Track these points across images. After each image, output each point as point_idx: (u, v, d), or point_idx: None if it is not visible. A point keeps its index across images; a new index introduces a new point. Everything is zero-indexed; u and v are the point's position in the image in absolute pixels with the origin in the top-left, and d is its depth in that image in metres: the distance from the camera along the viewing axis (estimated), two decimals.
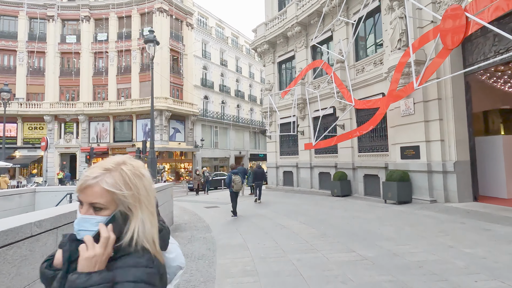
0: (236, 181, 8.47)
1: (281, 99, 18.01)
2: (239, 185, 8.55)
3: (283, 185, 17.62)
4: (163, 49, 26.00)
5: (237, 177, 8.53)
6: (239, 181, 8.52)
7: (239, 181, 8.55)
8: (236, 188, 8.49)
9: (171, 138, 26.59)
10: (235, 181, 8.46)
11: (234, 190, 8.48)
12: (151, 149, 11.65)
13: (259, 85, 39.99)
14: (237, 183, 8.47)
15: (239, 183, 8.51)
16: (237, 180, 8.50)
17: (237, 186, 8.47)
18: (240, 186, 8.63)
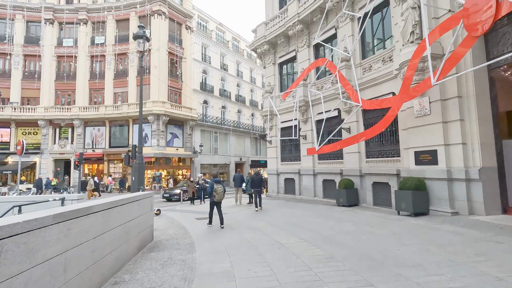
0: (218, 190, 7.92)
1: (282, 101, 17.04)
2: (221, 195, 7.99)
3: (284, 193, 16.50)
4: (161, 52, 25.31)
5: (219, 186, 8.01)
6: (221, 191, 7.98)
7: (221, 191, 8.01)
8: (218, 198, 7.94)
9: (169, 143, 25.65)
10: (217, 191, 7.89)
11: (215, 200, 7.94)
12: (139, 153, 10.66)
13: (260, 90, 39.14)
14: (219, 192, 7.92)
15: (221, 193, 7.96)
16: (219, 190, 7.95)
17: (219, 196, 7.92)
18: (222, 196, 8.04)
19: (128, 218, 4.65)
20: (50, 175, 25.84)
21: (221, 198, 8.01)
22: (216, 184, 8.01)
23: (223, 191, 8.04)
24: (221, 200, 8.05)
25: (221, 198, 8.00)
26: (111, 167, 26.18)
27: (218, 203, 8.09)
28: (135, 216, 5.04)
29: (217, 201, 7.99)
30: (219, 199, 7.97)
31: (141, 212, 5.39)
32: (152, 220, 6.31)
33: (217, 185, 8.01)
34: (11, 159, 25.33)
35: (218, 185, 8.00)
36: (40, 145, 26.00)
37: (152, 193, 6.28)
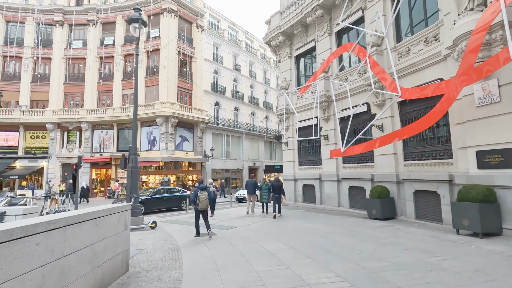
0: (201, 198, 7.30)
1: (299, 98, 15.20)
2: (205, 203, 7.36)
3: (303, 202, 14.54)
4: (171, 51, 24.14)
5: (203, 193, 7.39)
6: (204, 199, 7.35)
7: (205, 199, 7.38)
8: (201, 207, 7.34)
9: (178, 147, 24.27)
10: (200, 199, 7.29)
11: (199, 208, 7.35)
12: (133, 155, 9.10)
13: (275, 92, 37.42)
14: (203, 200, 7.31)
15: (204, 201, 7.34)
16: (202, 197, 7.34)
17: (202, 204, 7.32)
18: (206, 204, 7.42)
19: (69, 248, 2.95)
20: (58, 180, 25.02)
21: (205, 206, 7.40)
22: (200, 191, 7.37)
23: (206, 198, 7.40)
24: (205, 208, 7.43)
25: (204, 207, 7.40)
26: (119, 172, 25.05)
27: (203, 211, 7.49)
28: (88, 244, 3.33)
29: (200, 209, 7.40)
30: (202, 207, 7.36)
31: (102, 236, 3.68)
32: (127, 244, 4.60)
33: (201, 192, 7.38)
34: (19, 164, 24.71)
35: (202, 192, 7.37)
36: (48, 149, 25.29)
37: (122, 207, 4.58)
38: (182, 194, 16.26)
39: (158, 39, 24.63)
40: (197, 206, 7.37)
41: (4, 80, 25.46)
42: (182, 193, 16.41)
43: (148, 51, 25.11)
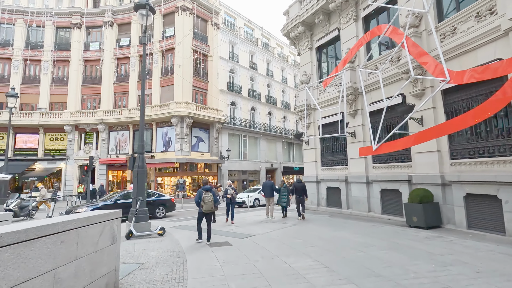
0: (206, 199, 6.84)
1: (322, 92, 13.95)
2: (210, 204, 6.87)
3: (327, 206, 13.22)
4: (185, 50, 23.55)
5: (208, 194, 6.91)
6: (209, 200, 6.87)
7: (210, 200, 6.89)
8: (206, 209, 6.86)
9: (193, 148, 23.57)
10: (205, 200, 6.83)
11: (203, 210, 6.89)
12: (140, 154, 8.25)
13: (293, 91, 36.19)
14: (207, 202, 6.84)
15: (209, 203, 6.86)
16: (207, 199, 6.87)
17: (207, 206, 6.85)
18: (211, 206, 6.90)
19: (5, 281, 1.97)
20: (75, 182, 25.02)
21: (210, 208, 6.87)
22: (205, 193, 6.91)
23: (212, 200, 6.87)
24: (209, 211, 6.90)
25: (209, 209, 6.87)
26: None
27: (207, 214, 6.98)
28: (46, 270, 2.34)
29: (205, 212, 6.89)
30: (207, 209, 6.86)
31: (72, 255, 2.70)
32: (115, 262, 3.59)
33: (206, 193, 6.90)
34: (39, 166, 24.93)
35: (207, 194, 6.89)
36: (66, 151, 25.38)
37: (116, 214, 3.60)
38: (157, 198, 13.42)
39: (173, 38, 24.14)
40: (201, 208, 6.88)
41: (25, 83, 25.88)
42: (157, 197, 13.59)
43: (163, 50, 24.68)
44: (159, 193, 14.45)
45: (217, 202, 7.19)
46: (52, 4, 27.18)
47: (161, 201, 13.46)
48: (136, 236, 7.39)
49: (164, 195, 14.43)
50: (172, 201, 13.96)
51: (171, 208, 13.89)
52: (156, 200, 13.31)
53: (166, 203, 13.63)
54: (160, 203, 13.35)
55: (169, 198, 14.19)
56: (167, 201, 13.79)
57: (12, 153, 24.93)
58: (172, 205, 13.91)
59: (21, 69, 25.84)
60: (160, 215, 13.15)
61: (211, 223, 7.19)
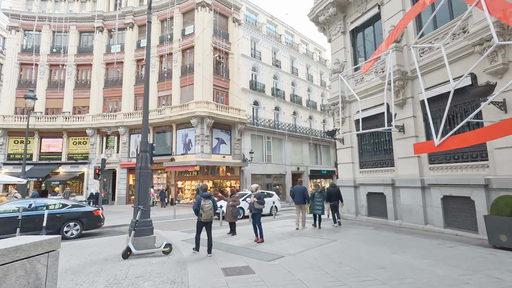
0: (205, 207, 6.23)
1: (358, 82, 11.94)
2: (209, 212, 6.25)
3: (368, 215, 11.12)
4: (206, 47, 22.43)
5: (207, 202, 6.33)
6: (208, 208, 6.26)
7: (209, 208, 6.29)
8: (205, 217, 6.23)
9: (214, 150, 22.25)
10: (204, 208, 6.22)
11: (202, 219, 6.26)
12: (144, 152, 6.83)
13: (319, 90, 34.08)
14: (206, 210, 6.23)
15: (208, 211, 6.25)
16: (206, 207, 6.26)
17: (206, 214, 6.22)
18: (210, 214, 6.29)
19: None
20: (97, 186, 24.60)
21: (209, 217, 6.29)
22: (203, 200, 6.34)
23: (211, 208, 6.31)
24: (209, 219, 6.31)
25: (208, 217, 6.30)
26: (155, 178, 23.86)
27: (207, 223, 6.40)
28: None
29: (204, 220, 6.31)
30: (206, 218, 6.29)
31: None
32: None
33: (205, 200, 6.34)
34: (62, 170, 24.85)
35: (206, 201, 6.32)
36: (89, 154, 25.14)
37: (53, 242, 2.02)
38: (65, 211, 9.31)
39: (192, 36, 23.15)
40: (199, 216, 6.26)
41: (50, 88, 26.11)
42: (66, 209, 9.40)
43: (183, 49, 23.77)
44: (74, 203, 10.15)
45: (216, 210, 6.49)
46: (75, 8, 27.39)
47: (73, 215, 9.37)
48: (135, 255, 5.91)
49: (82, 206, 10.07)
50: (94, 214, 9.86)
51: (92, 224, 9.80)
52: (63, 214, 9.22)
53: (83, 217, 9.52)
54: (71, 218, 9.30)
55: (89, 210, 9.92)
56: (85, 214, 9.66)
57: (38, 157, 25.10)
58: (93, 219, 9.78)
59: (46, 74, 26.13)
60: (72, 234, 9.18)
61: (211, 232, 6.48)
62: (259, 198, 8.04)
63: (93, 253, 6.56)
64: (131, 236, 6.00)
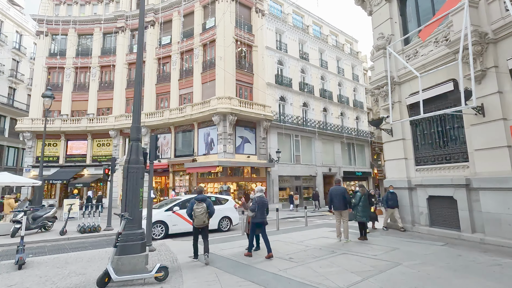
0: (197, 212, 5.69)
1: (411, 58, 9.57)
2: (201, 218, 5.70)
3: (430, 225, 8.66)
4: (227, 40, 20.93)
5: (200, 206, 5.75)
6: (200, 213, 5.71)
7: (201, 213, 5.73)
8: (197, 223, 5.75)
9: (238, 149, 20.56)
10: (195, 213, 5.69)
11: (194, 225, 5.83)
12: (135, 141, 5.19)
13: (351, 84, 31.30)
14: (198, 215, 5.70)
15: (200, 216, 5.70)
16: (198, 211, 5.72)
17: (197, 219, 5.72)
18: (203, 219, 5.72)
19: None
20: (120, 188, 23.98)
21: (201, 222, 5.72)
22: (197, 203, 5.78)
23: (203, 212, 5.70)
24: (201, 225, 5.76)
25: (201, 223, 5.73)
26: (177, 179, 22.68)
27: (202, 228, 5.87)
28: None
29: (196, 226, 5.81)
30: (198, 224, 5.76)
31: None
32: None
33: (198, 204, 5.77)
34: (87, 172, 24.57)
35: (199, 205, 5.76)
36: (112, 156, 24.59)
37: None
38: None
39: (214, 29, 21.78)
40: (193, 221, 5.90)
41: (76, 91, 26.14)
42: None
43: (204, 44, 22.49)
44: None
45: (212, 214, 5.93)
46: (99, 10, 27.36)
47: None
48: (116, 282, 4.20)
49: None
50: None
51: None
52: None
53: None
54: None
55: None
56: None
57: (64, 160, 25.09)
58: None
59: (72, 77, 26.21)
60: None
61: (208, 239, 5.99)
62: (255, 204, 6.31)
63: (71, 274, 4.99)
64: (111, 255, 4.30)
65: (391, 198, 9.33)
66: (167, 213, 9.72)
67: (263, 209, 6.31)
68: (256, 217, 6.25)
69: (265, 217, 6.35)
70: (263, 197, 6.50)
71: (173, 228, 9.64)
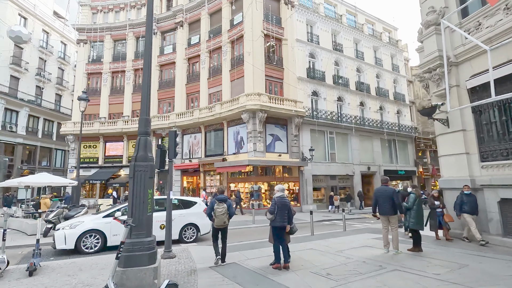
0: (218, 212, 5.51)
1: (472, 32, 7.94)
2: (222, 218, 5.50)
3: (504, 235, 7.03)
4: (255, 34, 20.17)
5: (220, 206, 5.54)
6: (221, 213, 5.51)
7: (222, 213, 5.52)
8: (217, 223, 5.56)
9: (269, 148, 19.68)
10: (216, 213, 5.51)
11: (215, 225, 5.64)
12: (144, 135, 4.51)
13: (390, 75, 28.84)
14: (219, 215, 5.51)
15: (221, 216, 5.51)
16: (219, 211, 5.51)
17: (218, 220, 5.52)
18: (224, 219, 5.52)
19: None
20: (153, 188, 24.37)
21: (222, 223, 5.53)
22: (217, 203, 5.59)
23: (224, 213, 5.51)
24: (222, 225, 5.58)
25: (221, 223, 5.54)
26: (207, 179, 22.42)
27: (221, 229, 5.69)
28: None
29: (217, 226, 5.62)
30: (218, 224, 5.57)
31: None
32: None
33: (219, 204, 5.58)
34: (123, 172, 25.36)
35: (219, 205, 5.57)
36: None
37: None
38: None
39: (241, 24, 21.15)
40: (213, 222, 5.60)
41: (112, 94, 27.21)
42: None
43: (232, 41, 21.98)
44: None
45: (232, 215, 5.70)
46: (133, 16, 28.22)
47: None
48: None
49: None
50: None
51: None
52: None
53: None
54: None
55: None
56: None
57: (103, 161, 26.21)
58: None
59: (109, 81, 27.31)
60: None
61: (226, 240, 5.86)
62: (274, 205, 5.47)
63: (77, 285, 4.48)
64: (112, 268, 3.66)
65: (467, 201, 7.34)
66: (105, 220, 7.75)
67: (283, 211, 5.38)
68: (276, 221, 5.35)
69: (286, 221, 5.39)
70: (284, 197, 5.58)
71: (114, 239, 7.59)
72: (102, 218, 7.88)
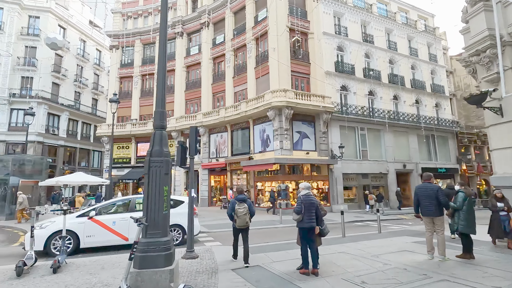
0: (239, 212, 5.45)
1: None
2: (244, 218, 5.44)
3: None
4: (280, 29, 19.65)
5: (241, 206, 5.50)
6: (243, 213, 5.45)
7: (244, 213, 5.45)
8: (239, 224, 5.48)
9: (296, 145, 19.05)
10: (238, 213, 5.46)
11: (236, 225, 5.55)
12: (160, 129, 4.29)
13: (427, 65, 26.79)
14: (240, 215, 5.45)
15: (243, 216, 5.44)
16: (241, 212, 5.46)
17: (240, 220, 5.46)
18: (245, 219, 5.45)
19: None
20: (183, 187, 24.86)
21: (244, 223, 5.48)
22: (238, 204, 5.57)
23: (246, 213, 5.45)
24: (244, 226, 5.51)
25: (243, 223, 5.49)
26: (234, 178, 22.30)
27: (243, 229, 5.62)
28: None
29: (238, 227, 5.54)
30: (240, 224, 5.50)
31: None
32: None
33: (240, 204, 5.55)
34: None
35: (240, 205, 5.54)
36: (175, 157, 25.61)
37: None
38: None
39: (266, 20, 20.74)
40: (234, 222, 5.56)
41: (143, 97, 28.16)
42: None
43: (256, 38, 21.64)
44: None
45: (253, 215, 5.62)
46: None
47: None
48: None
49: None
50: None
51: None
52: None
53: None
54: None
55: None
56: None
57: (135, 161, 27.18)
58: None
59: (139, 84, 28.30)
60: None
61: (248, 240, 5.67)
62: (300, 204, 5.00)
63: (97, 284, 4.36)
64: (126, 269, 3.43)
65: None
66: (78, 220, 7.21)
67: (311, 210, 4.88)
68: (303, 221, 4.87)
69: (314, 221, 4.88)
70: (310, 195, 5.10)
71: (88, 241, 7.12)
72: (75, 218, 7.31)
